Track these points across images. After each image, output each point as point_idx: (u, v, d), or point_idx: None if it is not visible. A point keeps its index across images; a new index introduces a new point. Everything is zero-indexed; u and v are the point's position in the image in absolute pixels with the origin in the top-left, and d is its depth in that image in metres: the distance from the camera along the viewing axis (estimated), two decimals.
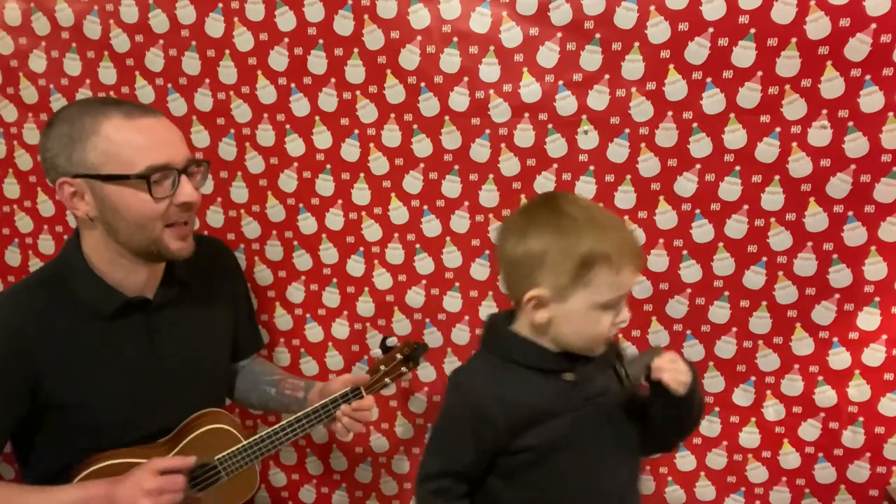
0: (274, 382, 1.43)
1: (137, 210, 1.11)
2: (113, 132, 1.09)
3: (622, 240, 1.02)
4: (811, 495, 1.54)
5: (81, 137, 1.08)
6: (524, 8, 1.38)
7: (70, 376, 1.15)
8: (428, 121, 1.46)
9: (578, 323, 1.02)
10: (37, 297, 1.16)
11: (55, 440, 1.19)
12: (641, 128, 1.40)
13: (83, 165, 1.09)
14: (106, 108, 1.10)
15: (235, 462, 1.25)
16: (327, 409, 1.27)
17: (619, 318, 1.03)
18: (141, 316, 1.21)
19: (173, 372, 1.24)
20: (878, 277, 1.41)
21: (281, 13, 1.45)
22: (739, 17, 1.31)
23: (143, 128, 1.10)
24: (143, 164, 1.09)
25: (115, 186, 1.09)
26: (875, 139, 1.34)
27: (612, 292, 1.00)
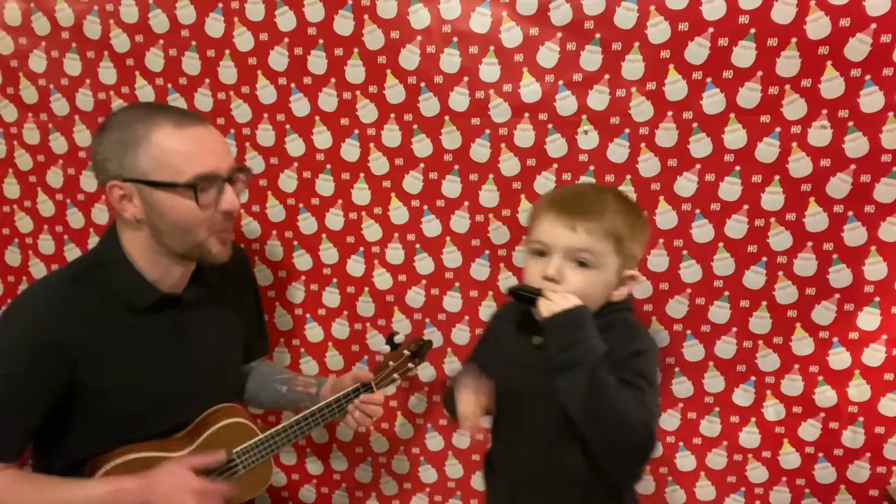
0: (285, 381, 1.45)
1: (183, 216, 1.15)
2: (163, 140, 1.12)
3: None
4: (811, 495, 1.54)
5: (133, 143, 1.12)
6: (524, 8, 1.38)
7: (102, 365, 1.17)
8: (428, 121, 1.46)
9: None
10: (71, 289, 1.19)
11: (78, 429, 1.20)
12: (641, 128, 1.40)
13: (133, 171, 1.13)
14: (157, 116, 1.14)
15: (252, 455, 1.29)
16: (340, 404, 1.31)
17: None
18: (172, 312, 1.24)
19: (197, 368, 1.28)
20: (878, 277, 1.41)
21: (281, 13, 1.45)
22: (739, 17, 1.31)
23: (191, 137, 1.14)
24: (190, 172, 1.13)
25: (163, 192, 1.13)
26: (875, 139, 1.34)
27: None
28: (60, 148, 1.60)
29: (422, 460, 1.68)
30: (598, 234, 1.05)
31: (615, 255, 1.07)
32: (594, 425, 1.01)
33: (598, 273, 1.07)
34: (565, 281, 1.06)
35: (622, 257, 1.08)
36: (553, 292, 1.05)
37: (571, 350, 1.01)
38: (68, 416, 1.18)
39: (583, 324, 1.03)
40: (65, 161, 1.61)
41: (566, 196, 1.13)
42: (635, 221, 1.12)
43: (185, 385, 1.26)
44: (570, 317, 1.02)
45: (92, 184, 1.62)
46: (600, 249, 1.06)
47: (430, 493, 1.69)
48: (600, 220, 1.06)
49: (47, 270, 1.68)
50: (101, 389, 1.17)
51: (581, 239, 1.05)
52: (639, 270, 1.15)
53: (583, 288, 1.06)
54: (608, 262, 1.07)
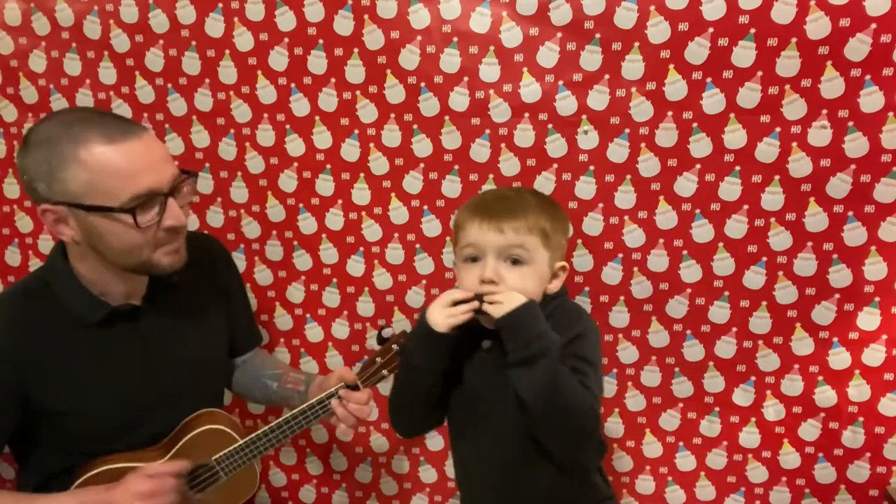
0: (276, 377, 1.41)
1: (124, 238, 1.07)
2: (93, 159, 1.03)
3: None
4: (811, 495, 1.54)
5: (60, 166, 1.03)
6: (524, 8, 1.38)
7: (58, 384, 1.14)
8: (428, 121, 1.46)
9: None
10: (22, 307, 1.15)
11: (51, 445, 1.18)
12: (641, 128, 1.40)
13: (64, 194, 1.04)
14: (84, 131, 1.04)
15: (233, 461, 1.25)
16: (323, 405, 1.24)
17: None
18: (129, 324, 1.19)
19: (167, 376, 1.23)
20: (878, 277, 1.41)
21: (281, 13, 1.45)
22: (739, 17, 1.31)
23: (124, 153, 1.04)
24: (126, 193, 1.04)
25: (98, 216, 1.05)
26: (875, 139, 1.34)
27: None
28: None
29: (422, 460, 1.68)
30: (524, 232, 1.09)
31: (544, 248, 1.10)
32: (549, 415, 1.03)
33: (532, 268, 1.10)
34: (503, 280, 1.08)
35: (550, 250, 1.12)
36: (495, 294, 1.06)
37: (532, 345, 1.03)
38: (36, 433, 1.16)
39: (537, 317, 1.05)
40: None
41: (487, 201, 1.15)
42: (556, 213, 1.16)
43: (154, 395, 1.21)
44: (524, 312, 1.04)
45: None
46: (530, 245, 1.09)
47: (430, 493, 1.69)
48: (524, 218, 1.09)
49: None
50: (60, 408, 1.14)
51: (510, 238, 1.08)
52: (564, 259, 1.18)
53: (521, 284, 1.08)
54: (539, 256, 1.10)
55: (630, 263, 1.48)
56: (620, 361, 1.54)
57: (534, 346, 1.02)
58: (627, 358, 1.54)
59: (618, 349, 1.53)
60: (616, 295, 1.50)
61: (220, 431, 1.26)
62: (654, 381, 1.54)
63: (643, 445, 1.59)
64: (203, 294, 1.30)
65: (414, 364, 1.13)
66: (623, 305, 1.51)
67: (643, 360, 1.53)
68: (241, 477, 1.28)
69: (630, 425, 1.58)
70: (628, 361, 1.54)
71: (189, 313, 1.27)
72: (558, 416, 1.03)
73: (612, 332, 1.52)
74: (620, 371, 1.55)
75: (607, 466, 1.60)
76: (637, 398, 1.56)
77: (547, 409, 1.03)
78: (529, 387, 1.03)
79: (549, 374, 1.02)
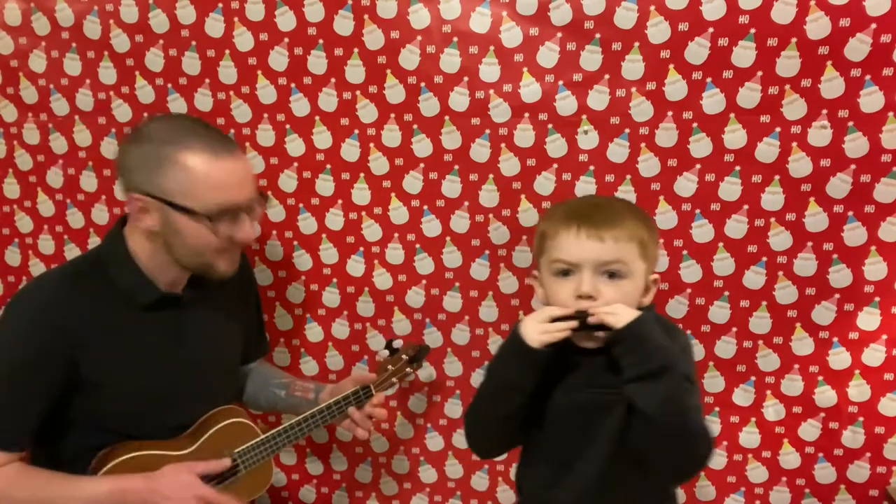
0: (284, 385, 1.46)
1: (198, 240, 1.18)
2: (195, 167, 1.14)
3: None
4: (811, 495, 1.54)
5: (164, 163, 1.13)
6: (524, 8, 1.38)
7: (105, 359, 1.18)
8: (428, 121, 1.46)
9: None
10: (78, 283, 1.20)
11: (79, 423, 1.21)
12: (641, 128, 1.40)
13: (159, 189, 1.14)
14: (193, 139, 1.15)
15: (253, 456, 1.29)
16: (340, 406, 1.32)
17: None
18: (171, 311, 1.25)
19: (197, 367, 1.28)
20: (878, 277, 1.41)
21: (281, 13, 1.45)
22: (739, 17, 1.31)
23: (220, 167, 1.16)
24: (213, 202, 1.15)
25: (182, 215, 1.15)
26: (875, 139, 1.34)
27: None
28: (60, 148, 1.60)
29: (422, 460, 1.68)
30: (624, 241, 1.02)
31: (641, 259, 1.04)
32: (671, 434, 0.98)
33: (630, 281, 1.03)
34: (601, 295, 1.01)
35: (647, 261, 1.05)
36: (602, 307, 1.00)
37: (656, 357, 0.97)
38: (69, 409, 1.19)
39: (656, 328, 0.99)
40: (65, 161, 1.61)
41: (583, 209, 1.08)
42: (650, 223, 1.10)
43: (184, 383, 1.26)
44: (645, 324, 0.98)
45: (92, 184, 1.62)
46: (629, 257, 1.03)
47: (430, 493, 1.69)
48: (622, 227, 1.02)
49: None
50: (100, 383, 1.18)
51: (610, 249, 1.01)
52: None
53: (620, 299, 1.01)
54: (637, 269, 1.04)
55: None
56: None
57: (658, 360, 0.96)
58: None
59: None
60: None
61: (244, 425, 1.31)
62: None
63: None
64: (230, 298, 1.36)
65: (505, 380, 1.05)
66: None
67: None
68: (258, 472, 1.31)
69: None
70: None
71: (219, 313, 1.34)
72: (681, 434, 0.98)
73: None
74: None
75: None
76: None
77: (675, 426, 0.97)
78: (654, 401, 0.96)
79: (676, 387, 0.97)
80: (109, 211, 1.62)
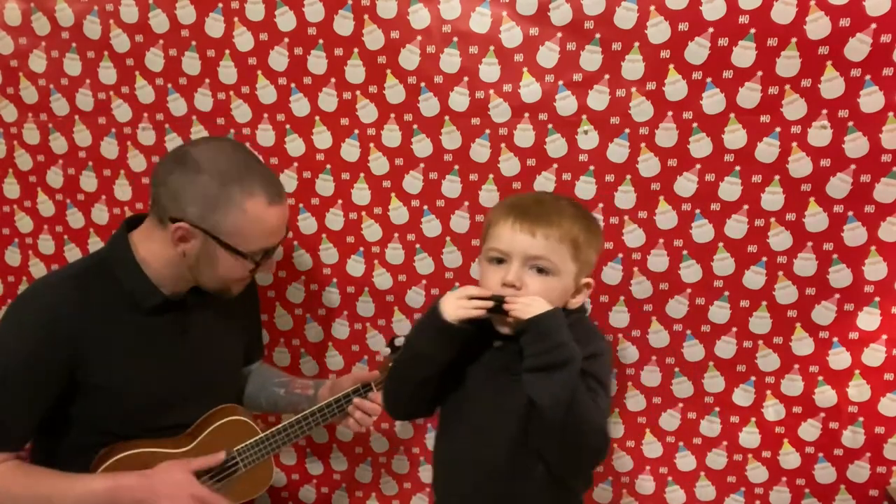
0: (283, 384, 1.46)
1: (231, 273, 1.22)
2: (254, 213, 1.17)
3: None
4: (811, 495, 1.54)
5: (223, 203, 1.15)
6: (524, 8, 1.38)
7: (104, 362, 1.18)
8: (428, 121, 1.46)
9: None
10: (82, 284, 1.20)
11: (79, 423, 1.22)
12: (641, 128, 1.40)
13: (211, 225, 1.16)
14: (255, 185, 1.17)
15: (253, 454, 1.29)
16: (340, 404, 1.32)
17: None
18: (175, 314, 1.25)
19: (199, 370, 1.29)
20: (878, 277, 1.41)
21: (281, 13, 1.45)
22: (739, 17, 1.31)
23: (273, 215, 1.20)
24: (258, 245, 1.21)
25: (226, 252, 1.19)
26: (875, 139, 1.34)
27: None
28: (60, 148, 1.60)
29: (422, 460, 1.68)
30: (555, 240, 1.06)
31: (572, 261, 1.08)
32: (563, 428, 1.01)
33: (557, 279, 1.07)
34: (525, 287, 1.06)
35: (579, 264, 1.09)
36: (518, 297, 1.04)
37: (555, 352, 1.00)
38: (70, 409, 1.20)
39: (563, 326, 1.02)
40: (65, 161, 1.61)
41: (524, 203, 1.12)
42: (592, 227, 1.13)
43: (185, 386, 1.27)
44: (551, 319, 1.02)
45: (92, 184, 1.62)
46: (559, 256, 1.06)
47: (430, 494, 1.69)
48: (557, 227, 1.06)
49: (47, 270, 1.68)
50: (102, 385, 1.18)
51: (540, 245, 1.05)
52: (593, 279, 1.15)
53: (542, 294, 1.05)
54: (566, 269, 1.07)
55: (630, 263, 1.48)
56: (620, 361, 1.54)
57: (557, 354, 1.00)
58: (627, 358, 1.54)
59: (618, 349, 1.53)
60: (616, 295, 1.50)
61: (243, 423, 1.31)
62: (654, 381, 1.54)
63: (643, 445, 1.58)
64: (235, 303, 1.36)
65: (419, 349, 1.11)
66: (623, 305, 1.50)
67: (643, 360, 1.53)
68: (258, 471, 1.32)
69: (630, 425, 1.58)
70: (628, 361, 1.54)
71: (223, 315, 1.34)
72: (571, 429, 1.01)
73: (612, 332, 1.52)
74: (620, 371, 1.55)
75: (607, 467, 1.60)
76: (637, 398, 1.56)
77: (561, 420, 1.00)
78: (545, 394, 1.00)
79: (569, 384, 1.00)
80: (109, 211, 1.63)
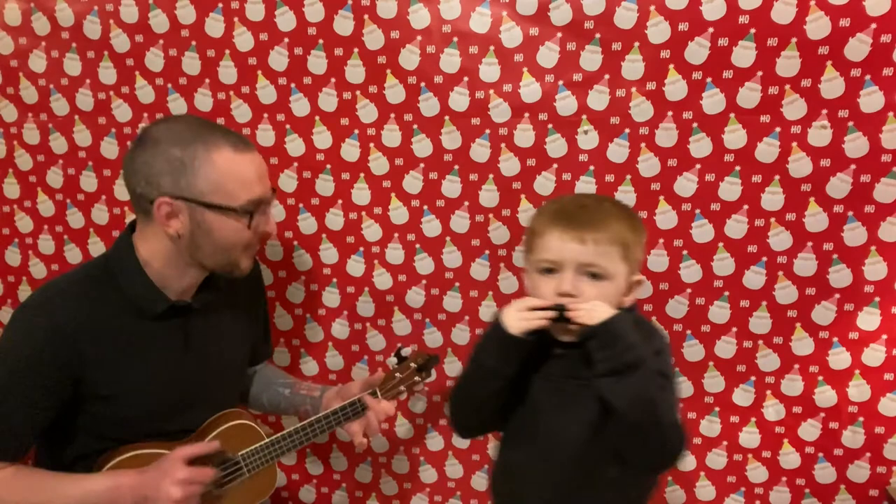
0: (288, 384, 1.46)
1: (230, 237, 1.18)
2: (223, 163, 1.13)
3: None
4: (811, 495, 1.54)
5: (193, 164, 1.12)
6: (524, 8, 1.38)
7: (109, 370, 1.17)
8: (428, 121, 1.46)
9: None
10: (86, 292, 1.18)
11: (83, 428, 1.21)
12: (641, 128, 1.40)
13: (189, 190, 1.13)
14: (215, 137, 1.14)
15: (257, 459, 1.28)
16: (346, 412, 1.30)
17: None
18: (180, 319, 1.24)
19: (204, 374, 1.27)
20: (878, 277, 1.41)
21: (281, 13, 1.45)
22: (739, 17, 1.31)
23: (247, 161, 1.16)
24: (244, 197, 1.16)
25: (215, 214, 1.15)
26: (875, 139, 1.34)
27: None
28: (60, 148, 1.61)
29: (422, 460, 1.68)
30: (605, 244, 1.05)
31: (622, 261, 1.06)
32: (643, 428, 1.01)
33: (610, 283, 1.06)
34: (582, 295, 1.05)
35: (629, 263, 1.08)
36: (580, 304, 1.03)
37: (626, 355, 1.00)
38: (75, 416, 1.19)
39: (630, 327, 1.02)
40: (65, 161, 1.61)
41: (568, 209, 1.10)
42: (637, 225, 1.12)
43: (190, 390, 1.25)
44: (618, 322, 1.02)
45: (92, 184, 1.62)
46: (609, 259, 1.05)
47: (430, 493, 1.69)
48: (605, 230, 1.05)
49: (47, 270, 1.68)
50: (107, 392, 1.17)
51: (591, 251, 1.04)
52: (640, 272, 1.14)
53: (599, 299, 1.05)
54: (618, 271, 1.06)
55: None
56: None
57: (629, 356, 1.00)
58: None
59: None
60: None
61: (248, 427, 1.30)
62: None
63: None
64: (239, 301, 1.36)
65: (484, 364, 1.09)
66: None
67: None
68: (262, 476, 1.30)
69: None
70: None
71: (228, 317, 1.33)
72: (651, 428, 1.01)
73: None
74: None
75: None
76: None
77: (641, 420, 1.00)
78: (622, 397, 1.00)
79: (644, 385, 1.00)
80: (109, 211, 1.63)
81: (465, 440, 1.63)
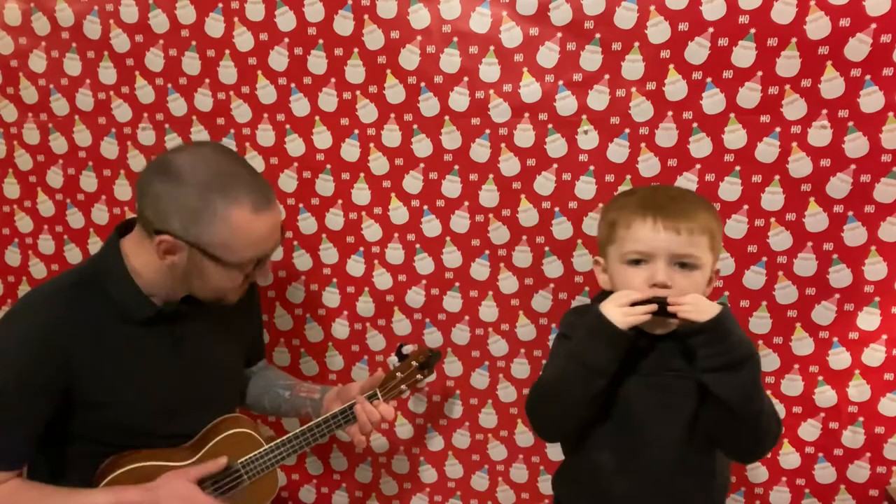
0: (288, 386, 1.45)
1: (224, 284, 1.18)
2: (238, 224, 1.12)
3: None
4: (811, 495, 1.54)
5: (208, 216, 1.10)
6: (524, 8, 1.38)
7: (99, 377, 1.16)
8: (428, 121, 1.46)
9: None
10: (73, 298, 1.17)
11: (76, 435, 1.20)
12: (641, 128, 1.40)
13: (196, 238, 1.12)
14: (238, 193, 1.11)
15: (257, 466, 1.27)
16: (346, 414, 1.28)
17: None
18: (169, 324, 1.23)
19: (198, 378, 1.26)
20: (878, 277, 1.41)
21: (281, 13, 1.45)
22: (739, 17, 1.31)
23: (262, 224, 1.15)
24: (247, 255, 1.16)
25: (214, 264, 1.14)
26: (875, 139, 1.34)
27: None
28: (60, 148, 1.61)
29: (422, 460, 1.68)
30: (697, 234, 1.06)
31: (710, 251, 1.08)
32: (752, 419, 1.03)
33: (700, 273, 1.07)
34: (676, 285, 1.05)
35: (714, 252, 1.09)
36: (681, 299, 1.03)
37: (735, 350, 1.01)
38: (68, 423, 1.18)
39: (736, 322, 1.03)
40: (65, 161, 1.61)
41: (658, 200, 1.10)
42: (717, 214, 1.14)
43: (184, 394, 1.24)
44: (728, 318, 1.02)
45: (92, 184, 1.62)
46: (700, 249, 1.06)
47: (430, 493, 1.69)
48: (696, 220, 1.06)
49: (47, 270, 1.68)
50: (98, 399, 1.16)
51: (685, 241, 1.05)
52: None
53: (692, 290, 1.05)
54: (707, 260, 1.07)
55: None
56: None
57: (739, 351, 1.01)
58: None
59: None
60: None
61: (247, 435, 1.29)
62: None
63: None
64: (233, 305, 1.33)
65: (593, 364, 1.06)
66: None
67: None
68: (263, 483, 1.30)
69: None
70: None
71: (219, 320, 1.30)
72: (759, 419, 1.03)
73: None
74: None
75: None
76: None
77: (750, 412, 1.02)
78: (734, 391, 1.01)
79: (755, 377, 1.01)
80: (109, 211, 1.63)
81: (465, 441, 1.63)
